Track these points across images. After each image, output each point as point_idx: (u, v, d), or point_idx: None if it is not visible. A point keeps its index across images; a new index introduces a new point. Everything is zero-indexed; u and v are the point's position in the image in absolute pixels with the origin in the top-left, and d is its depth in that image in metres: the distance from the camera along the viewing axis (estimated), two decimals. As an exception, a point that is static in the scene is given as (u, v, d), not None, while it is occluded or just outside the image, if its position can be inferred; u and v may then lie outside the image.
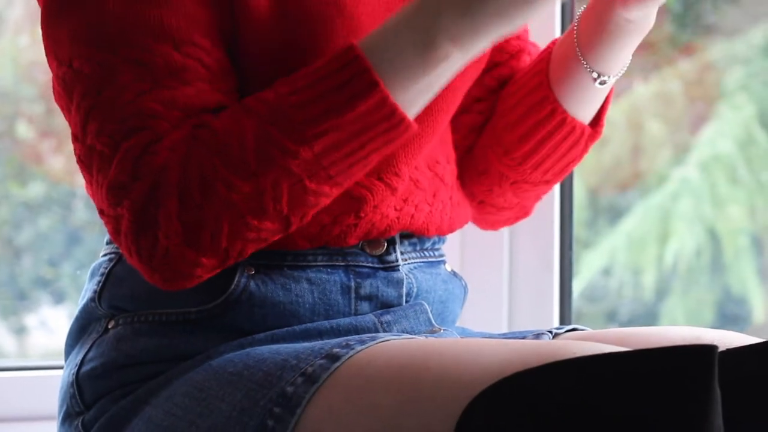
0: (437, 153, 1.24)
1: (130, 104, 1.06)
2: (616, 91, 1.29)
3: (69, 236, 2.00)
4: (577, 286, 2.30)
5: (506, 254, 1.73)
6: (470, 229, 1.44)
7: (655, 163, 2.33)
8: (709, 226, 2.33)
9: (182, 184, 1.05)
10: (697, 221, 2.32)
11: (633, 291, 2.36)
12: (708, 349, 0.95)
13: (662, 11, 2.27)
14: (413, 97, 1.06)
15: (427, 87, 1.06)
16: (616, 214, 2.37)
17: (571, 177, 1.75)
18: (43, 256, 2.00)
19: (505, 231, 1.71)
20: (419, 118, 1.17)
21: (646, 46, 2.24)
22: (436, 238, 1.25)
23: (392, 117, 1.05)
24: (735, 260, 2.31)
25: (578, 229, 2.28)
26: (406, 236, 1.22)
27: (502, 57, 1.33)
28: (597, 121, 1.27)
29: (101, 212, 1.10)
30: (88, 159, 1.09)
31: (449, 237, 1.29)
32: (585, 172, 2.27)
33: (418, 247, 1.23)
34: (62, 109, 1.12)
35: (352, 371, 1.04)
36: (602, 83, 1.24)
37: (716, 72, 2.30)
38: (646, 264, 2.34)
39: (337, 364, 1.05)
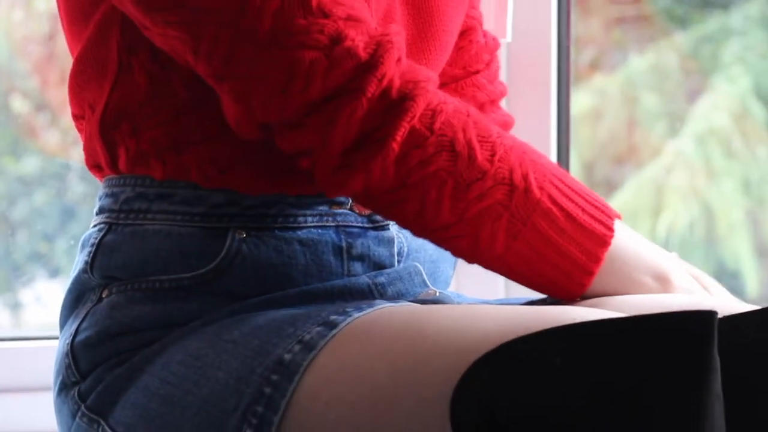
0: None
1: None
2: (611, 64, 1.30)
3: (64, 211, 2.00)
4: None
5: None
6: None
7: (650, 136, 2.33)
8: (704, 200, 2.33)
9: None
10: (691, 195, 2.33)
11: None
12: (708, 315, 0.95)
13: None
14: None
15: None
16: (611, 188, 2.38)
17: (567, 148, 1.75)
18: (38, 231, 2.00)
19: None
20: (418, 48, 1.18)
21: (641, 19, 2.24)
22: None
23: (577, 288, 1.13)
24: (729, 234, 2.31)
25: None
26: None
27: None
28: None
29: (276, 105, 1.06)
30: (274, 62, 1.06)
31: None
32: (580, 146, 2.27)
33: None
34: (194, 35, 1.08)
35: (348, 339, 1.05)
36: None
37: (712, 44, 2.30)
38: (640, 237, 2.34)
39: (335, 331, 1.05)
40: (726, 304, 1.15)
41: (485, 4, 1.67)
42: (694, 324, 0.95)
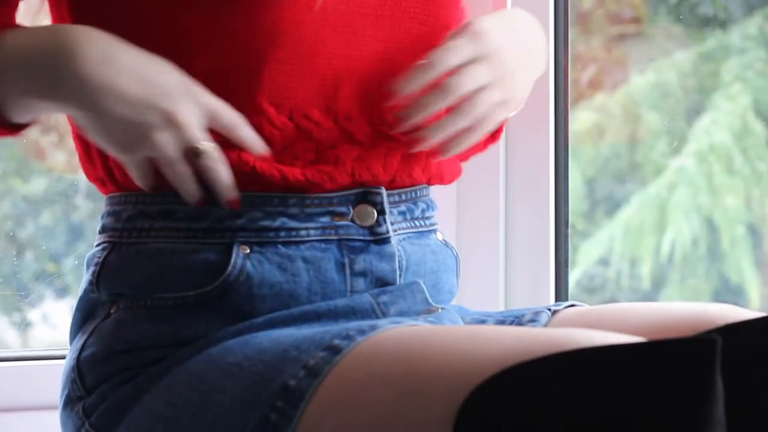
0: None
1: None
2: (613, 83, 1.31)
3: (71, 231, 2.00)
4: (575, 276, 2.30)
5: (502, 234, 1.73)
6: (465, 207, 1.44)
7: (652, 153, 2.33)
8: (706, 216, 2.33)
9: None
10: (694, 211, 2.33)
11: (630, 281, 2.36)
12: (709, 342, 0.95)
13: (658, 3, 2.28)
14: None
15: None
16: (613, 205, 2.38)
17: (566, 166, 1.75)
18: (46, 251, 2.00)
19: (501, 208, 1.72)
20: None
21: (642, 38, 2.24)
22: (425, 205, 1.26)
23: None
24: (732, 250, 2.31)
25: (576, 220, 2.28)
26: (395, 204, 1.23)
27: None
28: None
29: None
30: None
31: (444, 216, 1.30)
32: (582, 163, 2.28)
33: (408, 216, 1.24)
34: None
35: (353, 364, 1.06)
36: None
37: (712, 63, 2.30)
38: (644, 254, 2.34)
39: (338, 357, 1.06)
40: (732, 311, 1.15)
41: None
42: (697, 351, 0.95)
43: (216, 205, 1.17)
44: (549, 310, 1.24)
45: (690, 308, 1.17)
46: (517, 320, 1.23)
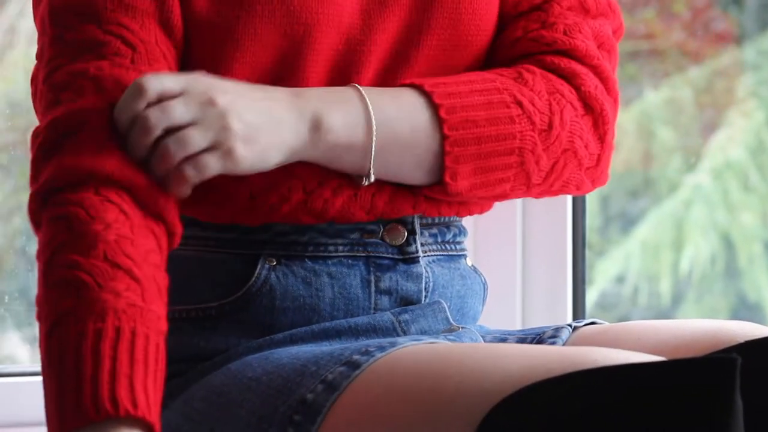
0: None
1: (49, 77, 1.12)
2: (626, 99, 1.29)
3: (83, 247, 2.00)
4: (591, 294, 2.30)
5: (519, 251, 1.73)
6: (483, 227, 1.44)
7: (666, 170, 2.33)
8: (723, 233, 2.33)
9: None
10: (711, 228, 2.32)
11: (647, 298, 2.36)
12: (730, 361, 0.95)
13: (672, 18, 2.27)
14: None
15: None
16: (627, 222, 2.37)
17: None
18: (57, 267, 2.00)
19: (518, 228, 1.71)
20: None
21: (655, 54, 2.24)
22: (456, 230, 1.26)
23: None
24: (749, 267, 2.31)
25: (591, 237, 2.28)
26: (426, 227, 1.22)
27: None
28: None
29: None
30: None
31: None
32: (596, 180, 2.27)
33: (439, 239, 1.23)
34: None
35: (371, 380, 1.05)
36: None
37: (726, 79, 2.30)
38: (661, 271, 2.34)
39: (357, 372, 1.06)
40: (751, 327, 1.14)
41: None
42: (717, 370, 0.95)
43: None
44: (570, 327, 1.23)
45: (708, 325, 1.16)
46: (537, 338, 1.22)
